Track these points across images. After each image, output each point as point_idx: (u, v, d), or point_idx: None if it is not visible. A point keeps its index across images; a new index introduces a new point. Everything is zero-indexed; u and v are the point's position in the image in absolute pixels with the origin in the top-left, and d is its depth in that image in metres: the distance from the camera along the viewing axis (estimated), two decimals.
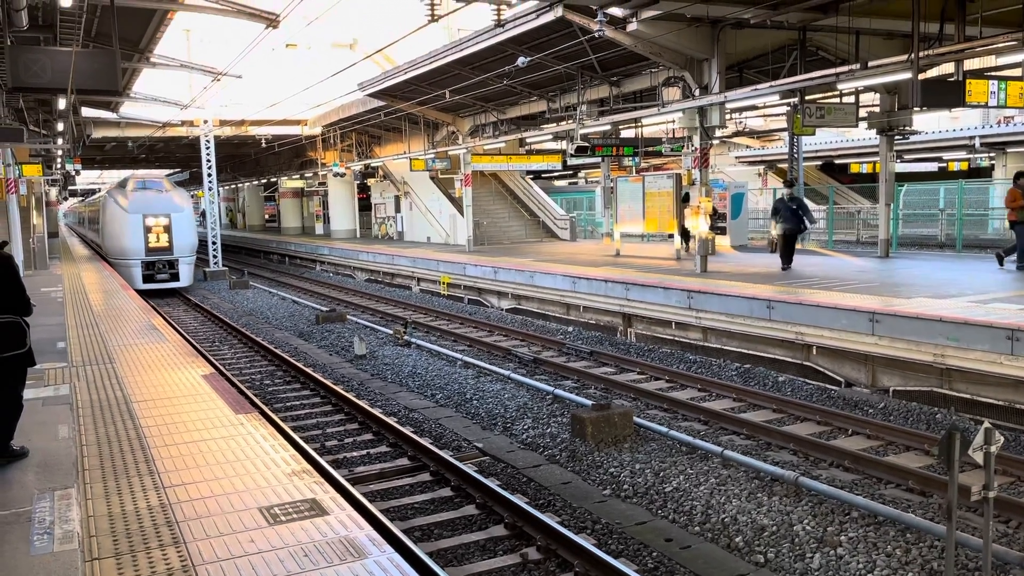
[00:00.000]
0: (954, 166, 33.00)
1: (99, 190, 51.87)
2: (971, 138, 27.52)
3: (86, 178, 58.60)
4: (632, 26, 14.82)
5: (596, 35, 14.75)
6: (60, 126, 22.84)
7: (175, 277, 24.87)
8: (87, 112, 28.06)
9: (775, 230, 16.49)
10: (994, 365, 9.19)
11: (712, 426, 9.59)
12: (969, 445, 5.00)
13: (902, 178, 26.40)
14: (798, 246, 22.41)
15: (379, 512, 6.67)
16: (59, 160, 30.67)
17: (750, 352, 12.57)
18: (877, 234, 19.22)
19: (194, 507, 4.69)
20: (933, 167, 33.77)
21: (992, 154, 29.91)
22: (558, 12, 15.38)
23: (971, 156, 30.79)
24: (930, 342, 9.84)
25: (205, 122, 31.06)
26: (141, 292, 20.55)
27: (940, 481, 7.12)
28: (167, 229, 24.60)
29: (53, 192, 39.63)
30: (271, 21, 13.33)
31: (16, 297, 5.43)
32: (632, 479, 7.83)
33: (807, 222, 16.09)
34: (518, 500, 6.98)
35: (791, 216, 15.73)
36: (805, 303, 11.56)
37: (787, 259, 15.99)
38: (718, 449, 8.25)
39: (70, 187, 43.85)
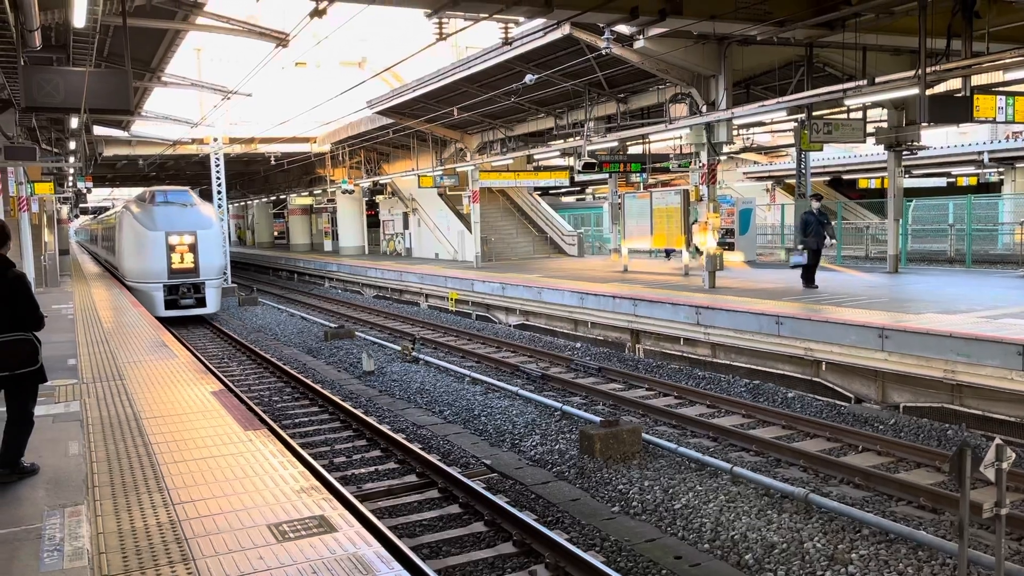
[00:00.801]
0: (963, 181, 32.93)
1: (111, 206, 51.04)
2: (980, 153, 27.50)
3: (97, 196, 58.99)
4: (639, 43, 14.90)
5: (603, 52, 14.84)
6: (72, 144, 23.05)
7: (201, 302, 21.82)
8: (99, 130, 28.31)
9: (801, 247, 15.28)
10: (1005, 381, 9.14)
11: (721, 443, 9.55)
12: (981, 462, 4.97)
13: (911, 193, 26.39)
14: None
15: (387, 529, 6.66)
16: (71, 178, 30.93)
17: (759, 368, 12.53)
18: (886, 249, 19.18)
19: (203, 524, 4.69)
20: (942, 182, 33.73)
21: (1001, 169, 29.86)
22: (565, 30, 15.49)
23: (980, 171, 30.73)
24: (940, 358, 9.79)
25: (215, 140, 31.30)
26: (161, 318, 18.47)
27: (952, 498, 7.06)
28: (193, 248, 21.61)
29: (64, 210, 39.92)
30: (281, 40, 13.45)
31: (29, 314, 5.48)
32: (641, 496, 7.80)
33: (829, 237, 15.40)
34: (526, 517, 6.96)
35: (820, 231, 14.97)
36: (814, 319, 11.53)
37: (812, 277, 15.34)
38: (727, 466, 8.21)
39: (81, 205, 44.15)
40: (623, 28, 14.46)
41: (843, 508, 6.99)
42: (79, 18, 8.68)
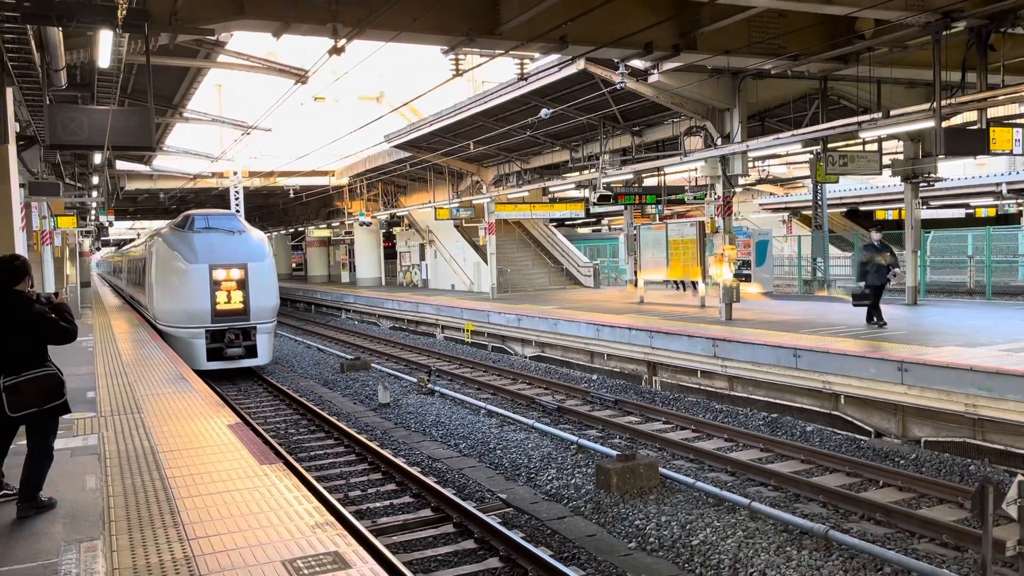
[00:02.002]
0: (981, 212, 32.73)
1: (137, 237, 49.22)
2: (998, 184, 27.34)
3: (118, 228, 59.73)
4: (654, 77, 15.02)
5: (618, 87, 14.96)
6: (95, 179, 23.46)
7: (251, 352, 17.51)
8: (121, 165, 28.80)
9: (861, 282, 13.79)
10: None
11: (739, 477, 9.45)
12: (1003, 498, 4.91)
13: (928, 224, 26.23)
14: (822, 293, 22.32)
15: (402, 565, 6.62)
16: (93, 212, 31.38)
17: (777, 401, 12.42)
18: (904, 281, 19.04)
19: (217, 559, 4.69)
20: (960, 213, 33.53)
21: (1020, 200, 29.66)
22: (580, 65, 15.66)
23: (998, 203, 30.54)
24: (961, 391, 9.67)
25: (235, 174, 31.73)
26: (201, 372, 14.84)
27: (975, 535, 6.93)
28: (242, 285, 17.31)
29: (86, 243, 40.45)
30: (300, 77, 13.68)
31: (62, 335, 5.58)
32: (658, 532, 7.72)
33: (893, 273, 13.77)
34: (542, 553, 6.91)
35: (882, 266, 13.45)
36: (833, 351, 11.44)
37: (878, 313, 13.96)
38: (746, 501, 8.12)
39: (103, 238, 44.73)
40: (638, 63, 14.60)
41: (864, 545, 6.89)
42: (104, 58, 8.89)
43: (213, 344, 17.18)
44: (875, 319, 13.92)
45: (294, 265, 58.83)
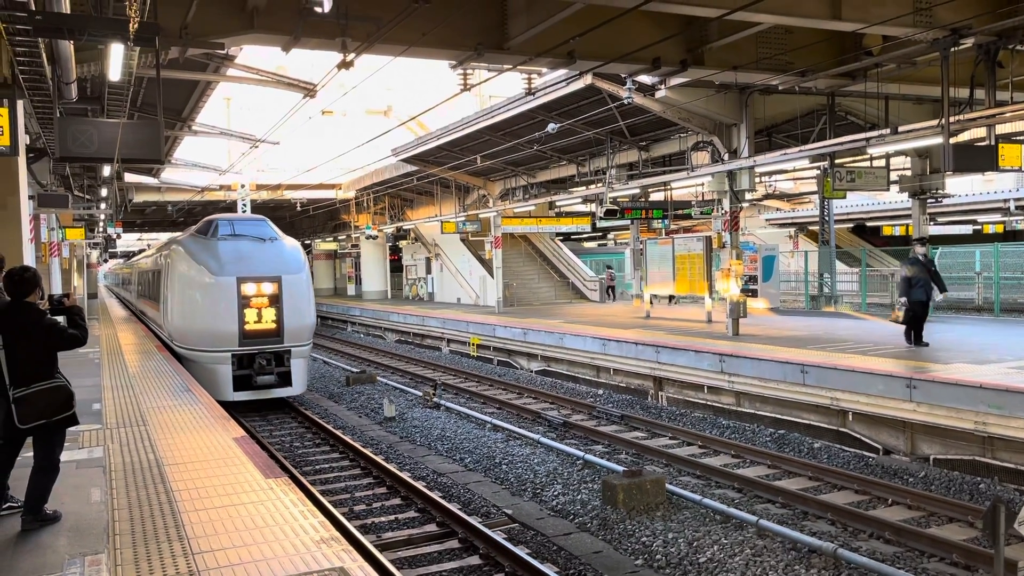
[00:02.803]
0: (989, 228, 32.63)
1: (146, 248, 45.86)
2: (1006, 201, 27.25)
3: (126, 240, 59.96)
4: (661, 93, 15.06)
5: (625, 102, 15.00)
6: (103, 191, 23.56)
7: (285, 380, 14.92)
8: (129, 177, 28.94)
9: (903, 298, 12.85)
10: None
11: (746, 494, 9.38)
12: (1015, 518, 4.85)
13: (936, 241, 26.15)
14: (829, 309, 22.24)
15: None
16: (101, 224, 31.54)
17: (784, 417, 12.35)
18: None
19: (222, 574, 4.66)
20: (968, 230, 33.43)
21: None
22: (587, 80, 15.70)
23: (1006, 219, 30.44)
24: (971, 409, 9.60)
25: (242, 186, 31.85)
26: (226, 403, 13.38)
27: (986, 555, 6.86)
28: (275, 301, 14.71)
29: (94, 254, 40.62)
30: (309, 91, 13.76)
31: (74, 343, 5.61)
32: (665, 549, 7.66)
33: (939, 290, 12.93)
34: (548, 569, 6.86)
35: (927, 282, 12.61)
36: (840, 368, 11.38)
37: (919, 334, 13.08)
38: (753, 518, 8.06)
39: (111, 250, 44.91)
40: (645, 78, 14.65)
41: (873, 564, 6.82)
42: (115, 72, 8.94)
43: (240, 371, 14.53)
44: (913, 338, 13.00)
45: None
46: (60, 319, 5.73)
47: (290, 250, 15.89)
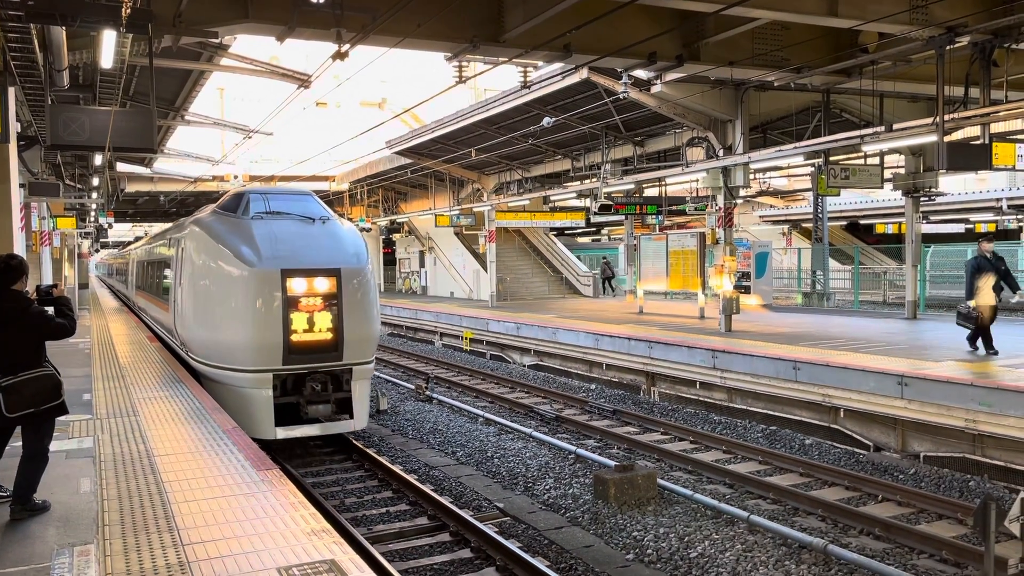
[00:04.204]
0: (981, 227, 32.78)
1: (144, 235, 40.80)
2: (998, 200, 27.38)
3: (117, 231, 59.61)
4: (656, 88, 15.05)
5: (621, 96, 14.98)
6: (95, 181, 23.41)
7: (345, 407, 10.89)
8: (121, 167, 28.79)
9: (979, 299, 11.56)
10: None
11: (738, 489, 9.39)
12: (1005, 515, 4.86)
13: (929, 239, 26.24)
14: (820, 306, 22.30)
15: (398, 574, 6.56)
16: (93, 213, 31.37)
17: (776, 414, 12.37)
18: (903, 295, 19.03)
19: (212, 566, 4.64)
20: (960, 228, 33.58)
21: (1020, 216, 29.70)
22: (583, 74, 15.68)
23: (999, 218, 30.60)
24: (961, 407, 9.63)
25: (236, 177, 31.71)
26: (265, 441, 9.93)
27: (976, 552, 6.88)
28: (332, 302, 10.68)
29: (85, 244, 40.41)
30: (303, 81, 13.69)
31: (61, 332, 5.61)
32: (656, 543, 7.66)
33: (1011, 290, 12.14)
34: (539, 563, 6.85)
35: (996, 282, 11.61)
36: (832, 364, 11.41)
37: (988, 339, 11.87)
38: (744, 514, 8.07)
39: (102, 240, 44.68)
40: (641, 73, 14.63)
41: (863, 560, 6.84)
42: (107, 59, 8.87)
43: (285, 397, 10.55)
44: (978, 344, 11.86)
45: None
46: (48, 310, 5.70)
47: (348, 234, 11.73)
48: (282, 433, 10.44)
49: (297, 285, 10.46)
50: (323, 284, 10.64)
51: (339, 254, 11.09)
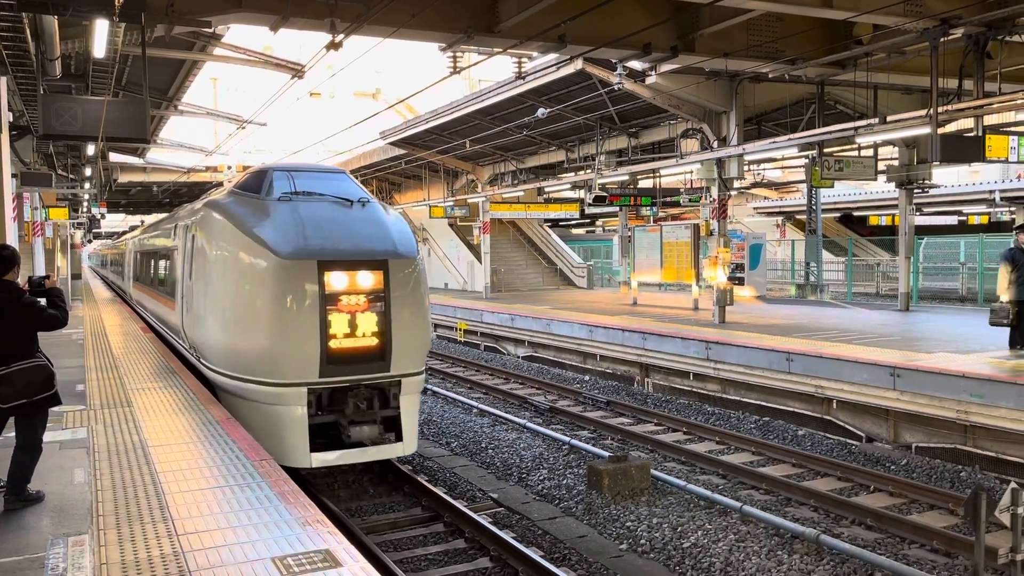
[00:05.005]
0: (974, 219, 32.88)
1: (139, 224, 37.41)
2: (991, 192, 27.46)
3: (110, 221, 59.35)
4: (651, 79, 15.03)
5: (615, 88, 14.96)
6: (88, 171, 23.30)
7: (392, 427, 9.08)
8: (114, 157, 28.64)
9: (1008, 293, 10.82)
10: (1020, 423, 9.02)
11: (731, 480, 9.44)
12: (996, 506, 4.90)
13: (922, 231, 26.34)
14: (813, 297, 22.36)
15: (393, 564, 6.58)
16: (85, 204, 31.24)
17: (769, 405, 12.42)
18: (896, 287, 19.10)
19: (207, 556, 4.64)
20: (953, 220, 33.69)
21: (1013, 208, 29.78)
22: (578, 65, 15.65)
23: (991, 210, 30.68)
24: (953, 398, 9.69)
25: (229, 168, 31.59)
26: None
27: (966, 542, 6.94)
28: (379, 301, 8.86)
29: (78, 235, 40.25)
30: (297, 72, 13.63)
31: (51, 324, 5.58)
32: (649, 534, 7.70)
33: None
34: (533, 553, 6.88)
35: None
36: (825, 356, 11.45)
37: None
38: (737, 504, 8.12)
39: (95, 230, 44.50)
40: (635, 64, 14.60)
41: (855, 550, 6.89)
42: (99, 48, 8.82)
43: (322, 416, 8.76)
44: (1021, 341, 11.16)
45: None
46: (41, 301, 5.69)
47: (394, 219, 9.85)
48: (318, 461, 8.58)
49: (337, 280, 8.67)
50: (367, 279, 8.81)
51: (385, 242, 9.23)
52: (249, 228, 9.06)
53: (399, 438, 8.92)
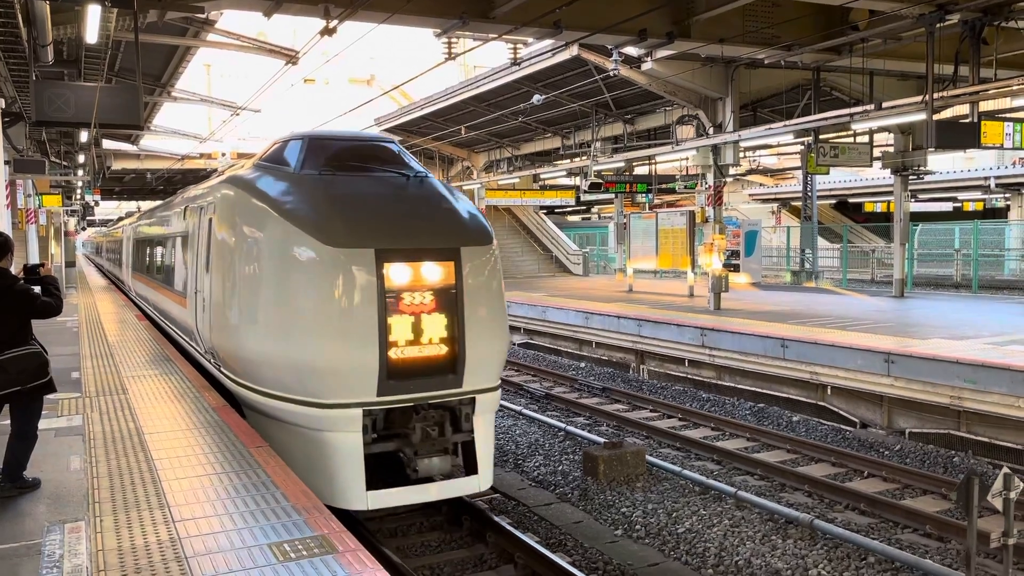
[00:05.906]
0: (969, 206, 32.94)
1: (136, 210, 36.36)
2: (986, 179, 27.50)
3: (104, 208, 59.04)
4: (647, 65, 14.99)
5: (611, 74, 14.91)
6: (81, 158, 23.20)
7: (467, 454, 7.32)
8: (108, 144, 28.51)
9: None
10: (1012, 409, 9.07)
11: (725, 466, 9.49)
12: (988, 490, 4.93)
13: (917, 218, 26.36)
14: (809, 284, 22.40)
15: (389, 551, 6.61)
16: (79, 191, 31.09)
17: (764, 391, 12.47)
18: (891, 273, 19.15)
19: (204, 542, 4.66)
20: (948, 207, 33.75)
21: (1007, 195, 29.85)
22: (574, 51, 15.59)
23: (986, 196, 30.75)
24: (947, 384, 9.73)
25: (223, 155, 31.44)
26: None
27: (959, 527, 6.99)
28: (448, 300, 7.01)
29: (72, 222, 40.10)
30: (291, 58, 13.57)
31: (45, 311, 5.55)
32: (644, 519, 7.74)
33: None
34: (529, 539, 6.91)
35: None
36: (820, 342, 11.49)
37: None
38: (732, 490, 8.16)
39: (88, 217, 44.33)
40: (631, 50, 14.55)
41: (848, 535, 6.94)
42: (92, 34, 8.75)
43: (381, 445, 7.04)
44: None
45: None
46: (35, 289, 5.66)
47: (463, 202, 8.08)
48: (377, 501, 6.85)
49: (398, 273, 6.88)
50: (435, 272, 7.03)
51: (455, 226, 7.48)
52: (286, 209, 7.31)
53: (471, 469, 7.26)
